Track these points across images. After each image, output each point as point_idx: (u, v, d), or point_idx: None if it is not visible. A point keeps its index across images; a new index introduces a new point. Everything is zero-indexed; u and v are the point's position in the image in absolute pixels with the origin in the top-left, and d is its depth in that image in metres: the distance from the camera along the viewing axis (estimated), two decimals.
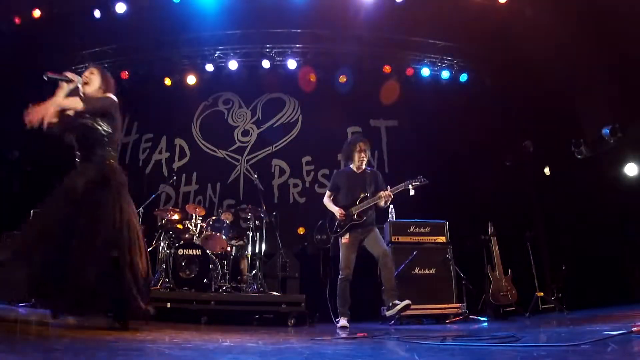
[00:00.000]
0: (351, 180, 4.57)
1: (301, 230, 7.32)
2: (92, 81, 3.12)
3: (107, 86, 3.18)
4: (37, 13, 6.37)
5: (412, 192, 4.33)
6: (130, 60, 7.78)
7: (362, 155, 4.52)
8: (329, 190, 4.73)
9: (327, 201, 4.67)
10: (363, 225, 4.41)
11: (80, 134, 3.02)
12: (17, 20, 6.38)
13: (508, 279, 5.27)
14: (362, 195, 4.45)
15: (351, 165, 4.64)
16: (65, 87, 3.00)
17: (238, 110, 8.33)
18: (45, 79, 3.01)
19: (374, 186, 4.51)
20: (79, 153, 3.06)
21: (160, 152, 8.15)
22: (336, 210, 4.47)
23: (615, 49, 5.57)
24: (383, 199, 4.30)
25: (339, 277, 4.41)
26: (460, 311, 5.06)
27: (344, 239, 4.42)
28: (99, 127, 3.00)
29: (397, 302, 4.10)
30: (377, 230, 4.51)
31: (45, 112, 2.82)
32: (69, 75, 3.02)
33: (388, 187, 4.37)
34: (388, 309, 4.18)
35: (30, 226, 3.19)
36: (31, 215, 5.53)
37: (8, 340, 2.18)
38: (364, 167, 4.60)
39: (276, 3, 6.65)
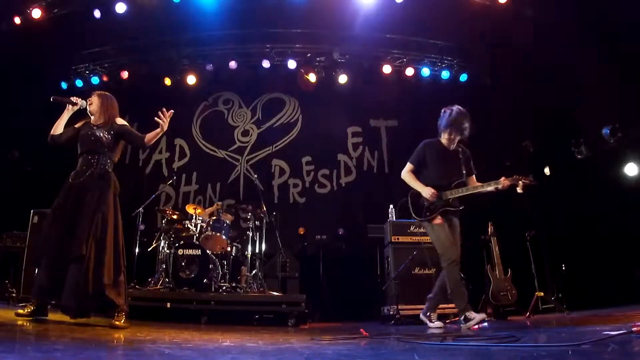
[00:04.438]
0: (444, 158, 3.88)
1: (301, 230, 7.33)
2: (94, 102, 3.45)
3: (108, 108, 3.47)
4: (37, 13, 6.36)
5: (520, 190, 3.66)
6: (130, 60, 7.78)
7: (465, 134, 3.85)
8: (411, 164, 3.97)
9: (409, 176, 3.93)
10: (455, 214, 3.87)
11: (86, 142, 3.31)
12: (17, 20, 6.37)
13: (508, 279, 5.27)
14: (457, 179, 3.82)
15: (442, 139, 3.94)
16: (70, 109, 3.41)
17: (238, 110, 8.34)
18: (51, 100, 3.34)
19: (466, 170, 3.88)
20: (86, 157, 3.30)
21: (160, 152, 8.15)
22: (427, 191, 3.76)
23: (615, 49, 5.57)
24: (500, 185, 3.66)
25: (444, 262, 3.72)
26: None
27: (437, 220, 3.77)
28: (103, 136, 3.31)
29: (471, 315, 3.57)
30: (458, 224, 3.92)
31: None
32: (74, 98, 3.39)
33: (503, 177, 3.70)
34: (461, 322, 3.63)
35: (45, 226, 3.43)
36: (31, 215, 5.56)
37: (8, 340, 2.18)
38: (455, 145, 3.93)
39: (276, 3, 6.65)
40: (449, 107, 3.94)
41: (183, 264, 5.15)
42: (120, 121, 3.47)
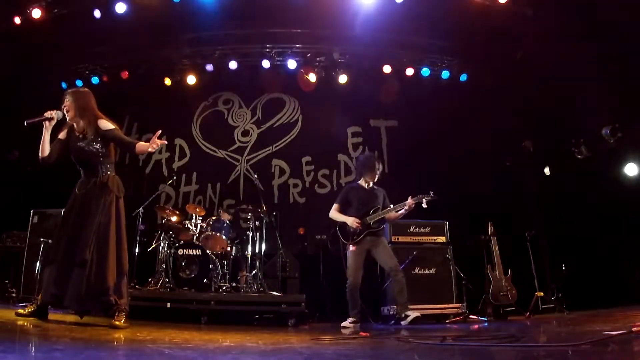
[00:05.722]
0: (363, 195, 4.78)
1: (301, 230, 7.32)
2: (70, 107, 3.31)
3: (84, 109, 3.35)
4: (37, 13, 6.35)
5: (424, 205, 4.51)
6: (130, 60, 7.77)
7: (377, 174, 4.84)
8: (337, 204, 4.81)
9: (336, 214, 4.76)
10: (377, 234, 4.59)
11: (81, 157, 3.30)
12: (17, 21, 6.37)
13: (508, 279, 5.27)
14: (375, 206, 4.67)
15: (360, 182, 4.88)
16: (48, 125, 3.25)
17: (238, 110, 8.33)
18: (25, 125, 3.17)
19: (382, 202, 4.79)
20: (87, 170, 3.33)
21: (160, 152, 8.13)
22: (350, 220, 4.57)
23: (615, 49, 5.57)
24: (407, 205, 4.51)
25: (347, 284, 4.51)
26: (460, 311, 5.06)
27: (352, 247, 4.55)
28: (94, 148, 3.27)
29: (409, 313, 4.33)
30: (385, 240, 4.69)
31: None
32: (47, 114, 3.23)
33: (410, 197, 4.54)
34: (401, 319, 4.38)
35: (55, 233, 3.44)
36: (31, 215, 5.56)
37: (8, 340, 2.18)
38: (372, 184, 4.87)
39: (276, 3, 6.65)
40: (361, 154, 5.13)
41: (183, 264, 5.15)
42: (103, 124, 3.31)
